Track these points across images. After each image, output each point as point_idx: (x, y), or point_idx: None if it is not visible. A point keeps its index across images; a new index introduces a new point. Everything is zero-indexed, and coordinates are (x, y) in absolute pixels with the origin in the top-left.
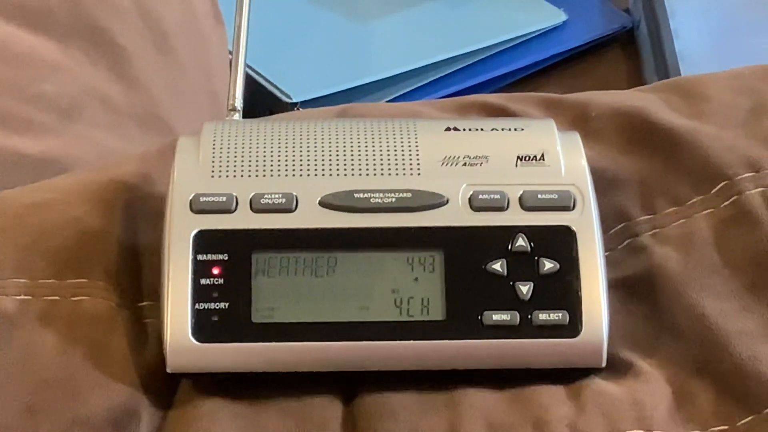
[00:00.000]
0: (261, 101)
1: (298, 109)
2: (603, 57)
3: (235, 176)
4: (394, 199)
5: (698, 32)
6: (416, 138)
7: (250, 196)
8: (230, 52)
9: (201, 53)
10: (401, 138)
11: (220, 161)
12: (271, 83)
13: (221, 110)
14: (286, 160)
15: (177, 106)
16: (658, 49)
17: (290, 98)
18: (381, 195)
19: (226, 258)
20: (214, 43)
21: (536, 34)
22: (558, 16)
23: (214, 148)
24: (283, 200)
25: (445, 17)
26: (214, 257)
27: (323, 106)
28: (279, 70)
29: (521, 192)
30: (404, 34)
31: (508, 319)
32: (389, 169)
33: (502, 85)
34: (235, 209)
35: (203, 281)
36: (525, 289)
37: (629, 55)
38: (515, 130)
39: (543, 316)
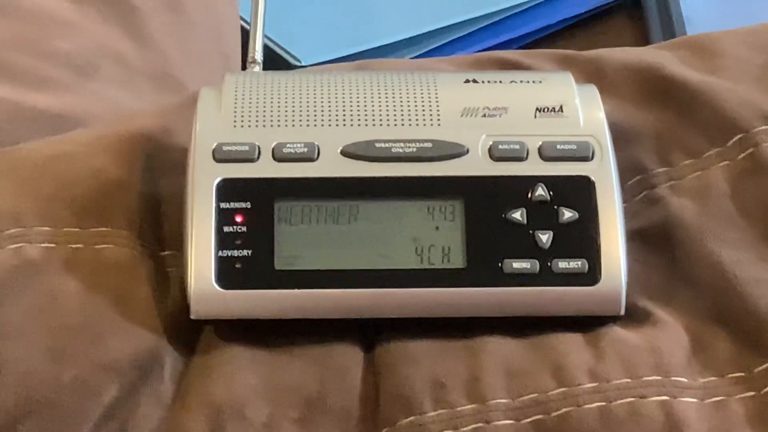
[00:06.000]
0: (270, 65)
1: None
2: (610, 23)
3: (257, 126)
4: (414, 149)
5: None
6: (436, 90)
7: (273, 146)
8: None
9: (211, 14)
10: (421, 90)
11: (243, 111)
12: (281, 47)
13: (231, 71)
14: (308, 111)
15: (189, 65)
16: (664, 14)
17: (299, 62)
18: (402, 145)
19: (249, 206)
20: (224, 5)
21: None
22: None
23: (236, 99)
24: (306, 149)
25: None
26: (237, 205)
27: None
28: (288, 34)
29: (540, 142)
30: None
31: (528, 267)
32: (410, 120)
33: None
34: (258, 158)
35: (226, 229)
36: (544, 237)
37: (636, 21)
38: (534, 82)
39: (562, 265)
